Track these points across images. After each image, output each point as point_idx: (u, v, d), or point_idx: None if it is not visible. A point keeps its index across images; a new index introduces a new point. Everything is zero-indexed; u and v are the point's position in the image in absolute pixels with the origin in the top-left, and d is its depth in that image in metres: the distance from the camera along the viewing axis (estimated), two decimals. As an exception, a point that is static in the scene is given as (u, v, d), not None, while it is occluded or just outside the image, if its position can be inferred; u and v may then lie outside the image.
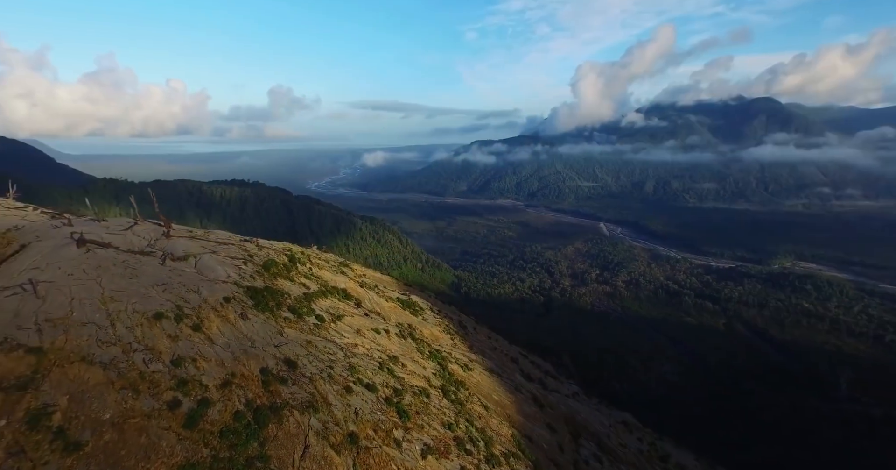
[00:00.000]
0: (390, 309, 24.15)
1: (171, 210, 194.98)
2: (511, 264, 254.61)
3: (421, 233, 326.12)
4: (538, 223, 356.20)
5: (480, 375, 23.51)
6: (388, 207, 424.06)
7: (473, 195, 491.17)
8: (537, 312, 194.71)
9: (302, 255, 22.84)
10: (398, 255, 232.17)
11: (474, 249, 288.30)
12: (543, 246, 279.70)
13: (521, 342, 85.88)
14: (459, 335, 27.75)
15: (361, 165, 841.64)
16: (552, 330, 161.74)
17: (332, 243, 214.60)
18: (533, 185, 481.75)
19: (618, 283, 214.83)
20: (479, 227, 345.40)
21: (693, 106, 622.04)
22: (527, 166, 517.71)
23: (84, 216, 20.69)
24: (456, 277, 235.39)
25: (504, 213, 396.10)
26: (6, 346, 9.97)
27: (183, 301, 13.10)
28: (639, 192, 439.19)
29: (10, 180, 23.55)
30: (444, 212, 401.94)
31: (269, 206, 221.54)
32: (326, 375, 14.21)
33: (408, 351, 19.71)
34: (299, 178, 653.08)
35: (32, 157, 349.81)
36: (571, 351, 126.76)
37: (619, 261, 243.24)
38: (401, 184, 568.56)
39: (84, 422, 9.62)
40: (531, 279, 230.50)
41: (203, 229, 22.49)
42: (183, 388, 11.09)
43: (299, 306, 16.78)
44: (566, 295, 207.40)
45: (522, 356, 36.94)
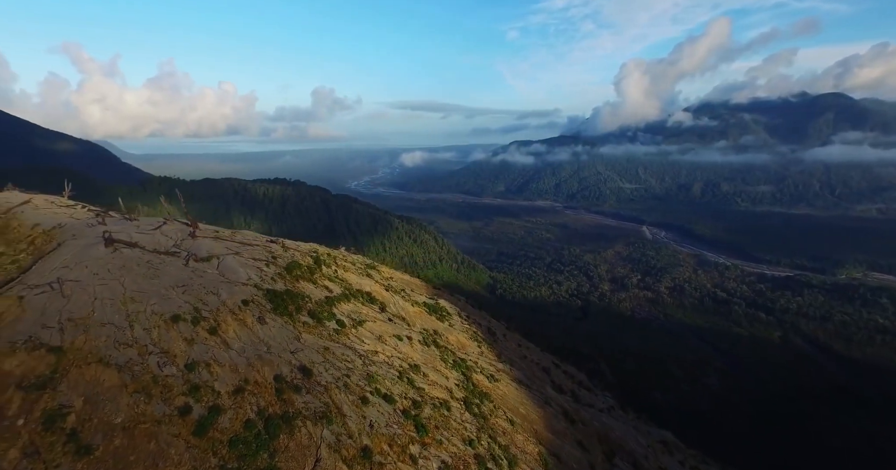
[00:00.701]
0: (416, 314, 23.62)
1: (218, 207, 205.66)
2: (548, 267, 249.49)
3: (457, 233, 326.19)
4: (577, 225, 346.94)
5: (507, 386, 22.51)
6: (425, 207, 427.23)
7: (511, 196, 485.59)
8: (574, 316, 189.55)
9: (328, 256, 22.75)
10: (434, 254, 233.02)
11: (511, 251, 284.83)
12: (582, 249, 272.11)
13: (556, 348, 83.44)
14: (487, 343, 26.82)
15: (400, 165, 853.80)
16: (589, 335, 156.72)
17: (368, 242, 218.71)
18: (572, 187, 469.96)
19: (661, 289, 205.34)
20: (516, 228, 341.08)
21: (748, 104, 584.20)
22: (566, 167, 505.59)
23: (131, 215, 21.54)
24: (491, 278, 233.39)
25: (542, 214, 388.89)
26: (29, 344, 10.20)
27: (201, 303, 13.10)
28: (685, 195, 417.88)
29: (65, 179, 25.05)
30: (482, 212, 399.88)
31: (308, 204, 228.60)
32: (342, 384, 13.81)
33: (430, 359, 19.08)
34: (339, 177, 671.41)
35: (102, 157, 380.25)
36: (609, 358, 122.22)
37: (663, 266, 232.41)
38: (439, 184, 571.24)
39: (96, 425, 9.63)
40: (568, 283, 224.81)
41: (232, 229, 22.91)
42: (195, 393, 10.97)
43: (320, 311, 16.54)
44: (605, 300, 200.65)
45: (555, 366, 35.44)
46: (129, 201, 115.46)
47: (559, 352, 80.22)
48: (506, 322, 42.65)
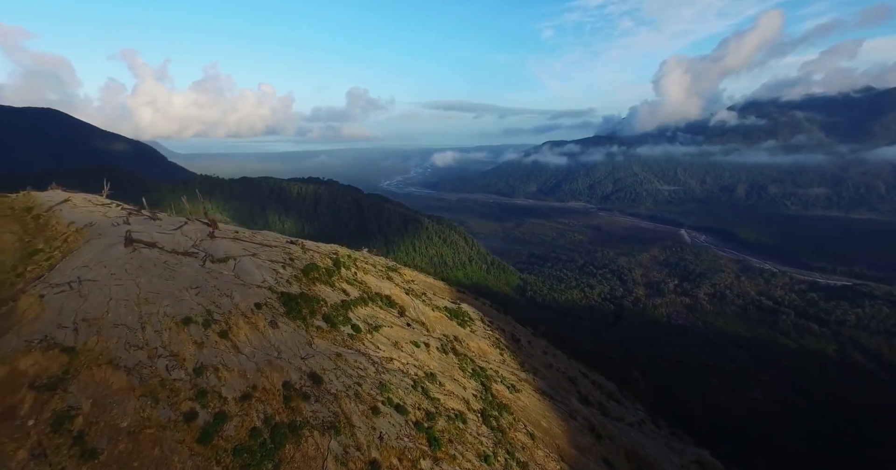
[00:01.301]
0: (436, 319, 23.08)
1: (254, 206, 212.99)
2: (580, 270, 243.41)
3: (488, 234, 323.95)
4: (611, 228, 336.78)
5: (529, 397, 21.59)
6: (456, 207, 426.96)
7: (543, 197, 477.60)
8: (606, 321, 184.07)
9: (348, 258, 22.57)
10: (463, 255, 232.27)
11: (542, 252, 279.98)
12: (616, 252, 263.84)
13: (585, 354, 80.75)
14: (510, 350, 25.94)
15: (431, 165, 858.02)
16: (621, 341, 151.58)
17: (399, 242, 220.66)
18: (607, 188, 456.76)
19: (699, 295, 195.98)
20: (547, 229, 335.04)
21: (801, 101, 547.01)
22: (600, 168, 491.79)
23: (154, 214, 22.15)
24: (521, 280, 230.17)
25: (575, 216, 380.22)
26: (44, 344, 10.37)
27: (214, 306, 13.06)
28: (727, 198, 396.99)
29: (104, 178, 26.13)
30: (513, 213, 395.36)
31: (340, 203, 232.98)
32: (353, 392, 13.43)
33: (448, 368, 18.48)
34: (371, 176, 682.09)
35: (151, 157, 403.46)
36: (642, 365, 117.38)
37: (702, 271, 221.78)
38: (470, 184, 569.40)
39: (102, 428, 9.61)
40: (601, 286, 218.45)
41: (262, 228, 23.15)
42: (202, 399, 10.84)
43: (335, 315, 16.27)
44: (639, 305, 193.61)
45: (582, 376, 34.04)
46: (171, 199, 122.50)
47: (589, 358, 77.68)
48: (532, 328, 41.43)
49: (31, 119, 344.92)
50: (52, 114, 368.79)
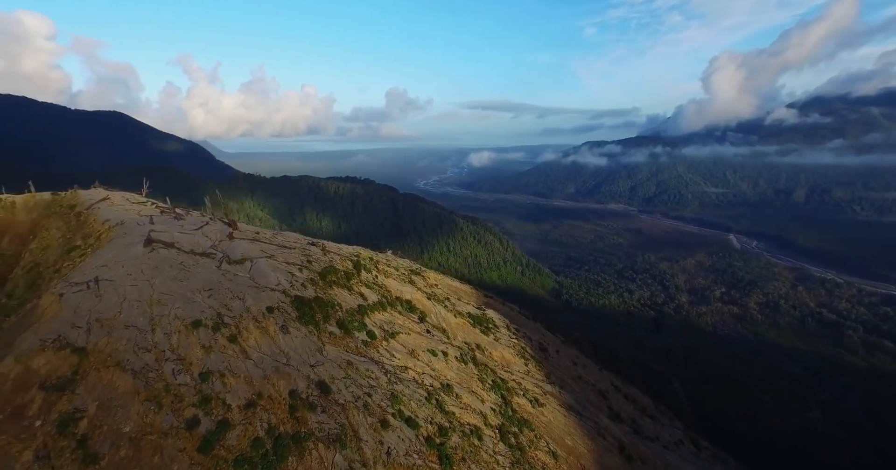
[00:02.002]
0: (458, 325, 22.36)
1: (293, 204, 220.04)
2: (619, 274, 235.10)
3: (524, 235, 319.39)
4: (653, 231, 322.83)
5: (554, 412, 20.45)
6: (492, 207, 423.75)
7: (582, 198, 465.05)
8: (645, 328, 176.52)
9: (370, 261, 22.25)
10: (498, 256, 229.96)
11: (579, 255, 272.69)
12: (658, 256, 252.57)
13: (622, 362, 77.20)
14: (536, 360, 24.80)
15: (468, 165, 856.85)
16: (661, 350, 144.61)
17: (433, 242, 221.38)
18: (649, 190, 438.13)
19: (749, 304, 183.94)
20: (586, 231, 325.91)
21: (877, 95, 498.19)
22: (643, 169, 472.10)
23: (177, 213, 22.73)
24: (557, 283, 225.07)
25: (614, 218, 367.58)
26: (57, 343, 10.53)
27: (225, 309, 12.97)
28: (784, 201, 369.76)
29: (143, 178, 27.25)
30: (550, 214, 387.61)
31: (376, 202, 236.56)
32: (362, 403, 12.96)
33: (466, 379, 17.71)
34: (408, 176, 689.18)
35: (201, 156, 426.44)
36: (684, 377, 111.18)
37: (753, 279, 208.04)
38: (506, 184, 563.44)
39: (106, 433, 9.57)
40: (641, 291, 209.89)
41: (285, 229, 23.32)
42: (205, 405, 10.67)
43: (349, 320, 15.90)
44: (682, 312, 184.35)
45: (615, 389, 32.23)
46: (216, 196, 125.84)
47: (625, 366, 74.26)
48: (563, 335, 39.82)
49: (99, 122, 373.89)
50: (117, 116, 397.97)
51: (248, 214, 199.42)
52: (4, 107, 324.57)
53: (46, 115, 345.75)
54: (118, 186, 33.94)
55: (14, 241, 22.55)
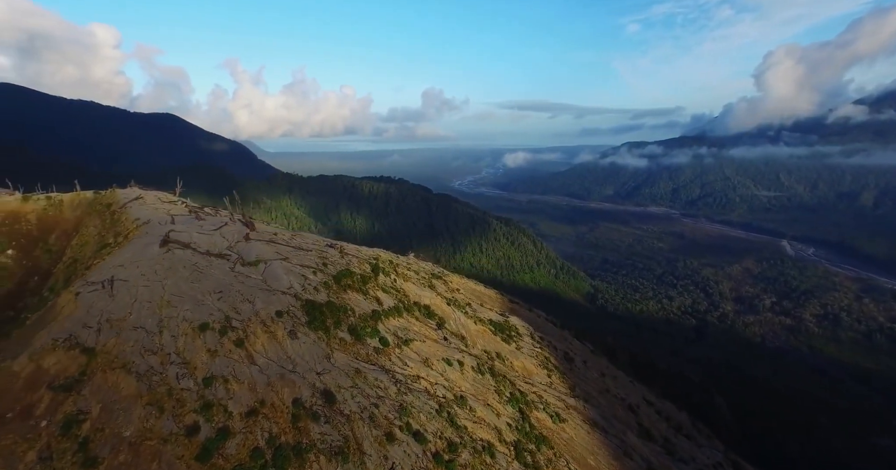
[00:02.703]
0: (478, 333, 21.62)
1: (328, 202, 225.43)
2: (658, 279, 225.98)
3: (559, 237, 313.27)
4: (696, 235, 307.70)
5: (576, 428, 19.34)
6: (527, 209, 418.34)
7: (620, 200, 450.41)
8: (686, 336, 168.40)
9: (389, 264, 21.91)
10: (531, 258, 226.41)
11: (616, 259, 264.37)
12: (701, 262, 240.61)
13: (659, 372, 73.43)
14: (560, 371, 23.65)
15: (503, 165, 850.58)
16: (703, 361, 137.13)
17: (465, 242, 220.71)
18: (692, 193, 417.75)
19: (804, 315, 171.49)
20: (623, 235, 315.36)
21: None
22: (686, 171, 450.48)
23: (198, 213, 23.23)
24: (592, 287, 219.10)
25: (654, 221, 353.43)
26: (68, 343, 10.72)
27: (234, 312, 12.89)
28: (848, 205, 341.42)
29: (177, 177, 28.25)
30: (587, 216, 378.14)
31: (409, 202, 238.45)
32: (368, 415, 12.52)
33: (482, 390, 16.97)
34: (443, 176, 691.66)
35: (244, 155, 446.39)
36: (727, 390, 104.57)
37: (809, 289, 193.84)
38: (542, 185, 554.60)
39: (107, 436, 9.57)
40: (682, 298, 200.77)
41: (293, 231, 23.42)
42: (206, 412, 10.53)
43: (362, 326, 15.54)
44: (726, 321, 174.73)
45: (647, 404, 30.42)
46: (255, 194, 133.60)
47: (663, 377, 70.68)
48: (592, 344, 38.13)
49: (154, 123, 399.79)
50: (170, 118, 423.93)
51: (286, 213, 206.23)
52: (74, 111, 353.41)
53: (109, 117, 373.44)
54: (167, 185, 35.58)
55: (60, 237, 23.90)
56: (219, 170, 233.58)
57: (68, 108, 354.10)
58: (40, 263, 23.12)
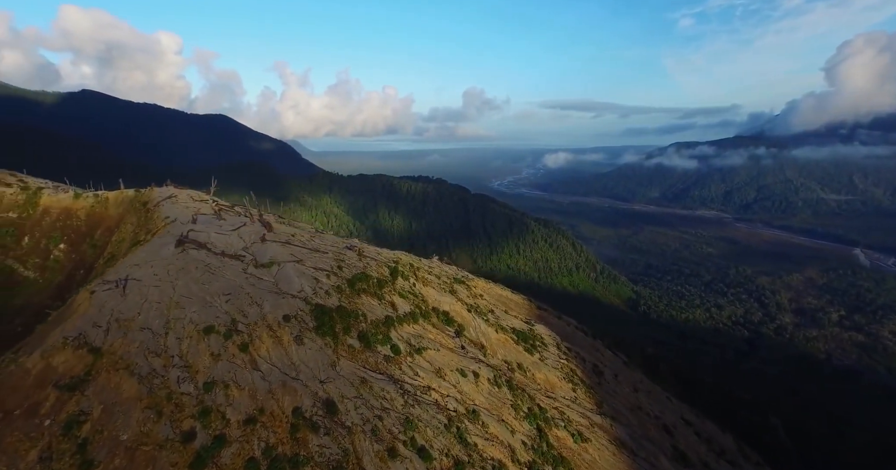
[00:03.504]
0: (499, 342, 20.72)
1: (367, 201, 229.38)
2: (706, 286, 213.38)
3: (600, 240, 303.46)
4: (751, 241, 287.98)
5: (600, 450, 18.02)
6: (567, 210, 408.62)
7: (667, 203, 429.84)
8: (737, 349, 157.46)
9: (410, 267, 21.43)
10: (570, 261, 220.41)
11: (661, 264, 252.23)
12: (756, 270, 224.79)
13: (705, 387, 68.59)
14: (587, 385, 22.27)
15: (543, 166, 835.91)
16: (755, 377, 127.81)
17: (503, 243, 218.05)
18: (748, 196, 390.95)
19: (881, 333, 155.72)
20: (670, 239, 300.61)
21: None
22: (741, 172, 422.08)
23: (220, 213, 23.68)
24: (634, 292, 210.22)
25: (704, 225, 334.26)
26: (77, 342, 10.94)
27: (241, 315, 12.79)
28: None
29: (212, 176, 29.21)
30: (630, 219, 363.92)
31: (447, 202, 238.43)
32: (371, 428, 12.04)
33: (497, 404, 16.10)
34: (483, 176, 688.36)
35: (289, 154, 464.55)
36: (784, 412, 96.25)
37: (887, 303, 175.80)
38: (584, 186, 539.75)
39: (105, 439, 9.59)
40: (732, 307, 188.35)
41: (316, 231, 23.42)
42: (204, 418, 10.40)
43: (373, 333, 15.11)
44: (784, 334, 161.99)
45: (684, 423, 28.24)
46: (298, 192, 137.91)
47: (708, 394, 66.16)
48: (626, 355, 36.03)
49: (208, 124, 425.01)
50: (222, 119, 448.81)
51: (325, 211, 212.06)
52: (139, 113, 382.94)
53: (170, 119, 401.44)
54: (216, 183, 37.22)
55: (104, 233, 25.29)
56: (264, 168, 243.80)
57: (135, 111, 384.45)
58: (86, 257, 24.53)
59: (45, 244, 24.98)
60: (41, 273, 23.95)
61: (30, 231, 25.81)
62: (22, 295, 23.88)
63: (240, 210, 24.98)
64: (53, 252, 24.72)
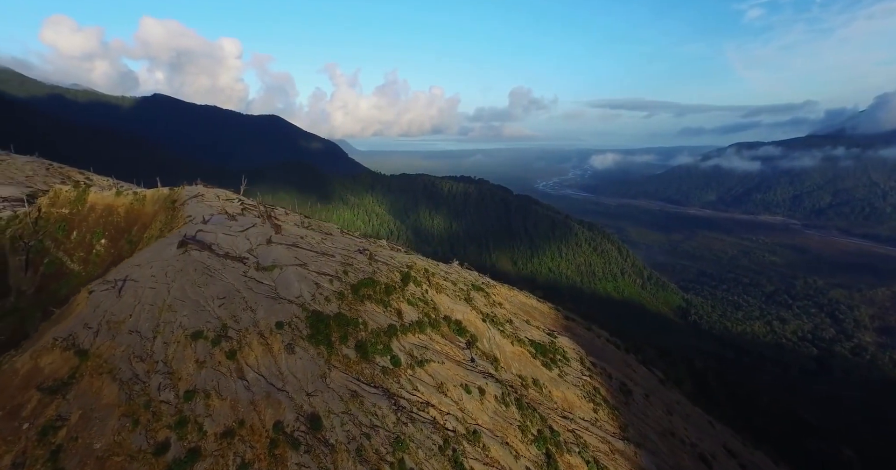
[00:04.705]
0: (514, 355, 19.45)
1: (408, 200, 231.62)
2: (768, 297, 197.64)
3: (649, 244, 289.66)
4: (823, 250, 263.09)
5: (620, 482, 16.33)
6: (615, 213, 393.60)
7: (724, 207, 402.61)
8: (803, 368, 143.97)
9: (424, 273, 20.62)
10: (615, 266, 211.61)
11: (716, 272, 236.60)
12: (829, 281, 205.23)
13: (762, 410, 62.47)
14: (611, 405, 20.47)
15: (590, 167, 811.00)
16: (826, 401, 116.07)
17: (544, 246, 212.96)
18: (822, 200, 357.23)
19: None
20: (726, 245, 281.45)
21: None
22: (813, 175, 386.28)
23: (231, 214, 23.92)
24: (684, 300, 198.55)
25: (767, 232, 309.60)
26: (66, 343, 11.03)
27: (233, 320, 12.51)
28: None
29: (243, 175, 29.90)
30: (683, 223, 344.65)
31: (488, 202, 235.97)
32: (356, 447, 11.33)
33: (502, 425, 14.93)
34: (526, 176, 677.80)
35: (336, 154, 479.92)
36: (862, 444, 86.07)
37: None
38: (633, 188, 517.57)
39: (78, 447, 9.46)
40: (799, 322, 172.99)
41: (342, 231, 23.14)
42: (181, 429, 10.10)
43: (372, 342, 14.43)
44: (863, 354, 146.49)
45: (727, 454, 25.47)
46: (341, 191, 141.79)
47: (764, 416, 60.45)
48: (671, 370, 33.30)
49: (261, 124, 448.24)
50: (274, 119, 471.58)
51: (367, 210, 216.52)
52: (200, 115, 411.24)
53: (227, 120, 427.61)
54: (265, 181, 38.76)
55: (140, 229, 26.54)
56: (310, 167, 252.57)
57: (197, 113, 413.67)
58: (123, 252, 25.82)
59: (89, 239, 26.59)
60: (84, 266, 25.46)
61: (78, 226, 27.60)
62: (68, 286, 25.50)
63: (263, 208, 25.28)
64: (95, 247, 26.25)
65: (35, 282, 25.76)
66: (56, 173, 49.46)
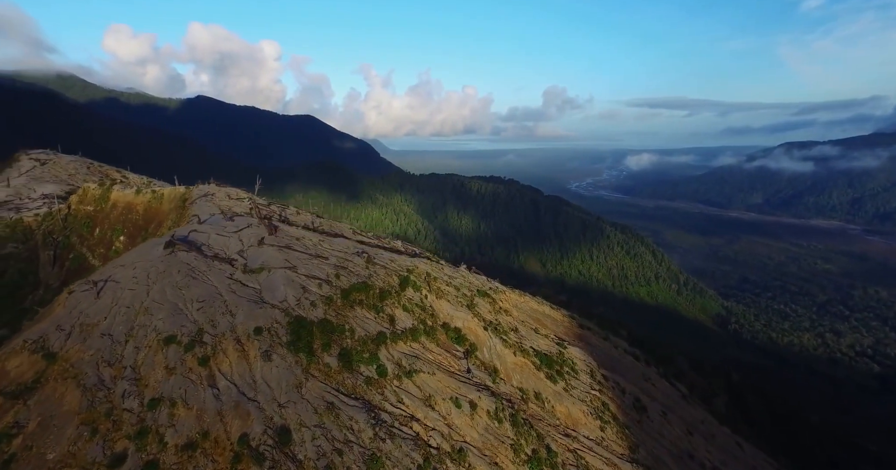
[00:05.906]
0: (516, 366, 18.33)
1: (436, 200, 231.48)
2: (820, 308, 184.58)
3: (687, 248, 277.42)
4: (888, 258, 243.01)
5: (626, 512, 14.94)
6: (652, 215, 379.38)
7: (771, 211, 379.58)
8: (861, 386, 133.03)
9: (425, 277, 19.81)
10: (648, 270, 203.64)
11: (760, 279, 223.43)
12: (892, 292, 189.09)
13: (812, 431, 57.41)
14: (621, 423, 18.97)
15: (626, 167, 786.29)
16: (888, 424, 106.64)
17: (575, 248, 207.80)
18: (886, 204, 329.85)
19: None
20: (773, 251, 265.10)
21: None
22: (877, 176, 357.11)
23: (232, 214, 23.84)
24: (724, 308, 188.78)
25: (820, 237, 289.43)
26: (35, 345, 10.92)
27: (210, 325, 12.13)
28: None
29: (257, 175, 30.15)
30: (724, 227, 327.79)
31: (517, 203, 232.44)
32: (325, 463, 10.66)
33: (493, 443, 13.90)
34: (558, 177, 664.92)
35: (369, 153, 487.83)
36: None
37: None
38: (672, 190, 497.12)
39: (32, 456, 9.18)
40: (856, 335, 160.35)
41: (354, 232, 22.68)
42: (140, 439, 9.73)
43: (357, 350, 13.77)
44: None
45: (757, 482, 23.23)
46: (371, 191, 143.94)
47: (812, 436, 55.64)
48: (688, 387, 31.03)
49: (297, 124, 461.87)
50: (310, 119, 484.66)
51: (395, 209, 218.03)
52: (239, 115, 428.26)
53: (265, 120, 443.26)
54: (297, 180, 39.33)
55: (156, 227, 27.17)
56: (340, 167, 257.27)
57: (236, 113, 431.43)
58: (140, 249, 26.49)
59: (109, 236, 27.50)
60: (103, 262, 26.24)
61: (101, 223, 28.59)
62: (89, 281, 26.37)
63: (277, 208, 25.23)
64: (115, 243, 27.09)
65: (61, 276, 26.84)
66: (96, 172, 52.08)
